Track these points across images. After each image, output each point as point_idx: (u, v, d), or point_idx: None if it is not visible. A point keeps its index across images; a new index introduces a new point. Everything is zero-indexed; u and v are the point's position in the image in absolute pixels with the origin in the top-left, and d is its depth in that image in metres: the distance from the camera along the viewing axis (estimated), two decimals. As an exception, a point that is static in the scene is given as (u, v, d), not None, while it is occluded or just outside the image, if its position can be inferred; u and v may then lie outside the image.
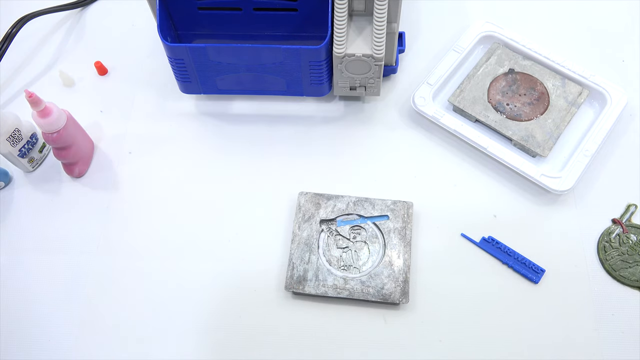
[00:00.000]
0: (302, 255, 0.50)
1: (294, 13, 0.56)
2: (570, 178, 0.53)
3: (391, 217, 0.52)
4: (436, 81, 0.59)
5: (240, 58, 0.52)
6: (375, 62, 0.51)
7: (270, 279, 0.51)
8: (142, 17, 0.67)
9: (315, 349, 0.48)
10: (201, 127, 0.60)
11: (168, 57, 0.53)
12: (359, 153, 0.58)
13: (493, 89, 0.58)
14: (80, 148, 0.56)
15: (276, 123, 0.60)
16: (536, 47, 0.60)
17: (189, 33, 0.59)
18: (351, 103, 0.61)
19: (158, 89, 0.62)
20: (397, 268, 0.49)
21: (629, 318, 0.49)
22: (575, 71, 0.59)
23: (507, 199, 0.54)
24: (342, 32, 0.50)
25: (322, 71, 0.53)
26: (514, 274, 0.51)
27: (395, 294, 0.48)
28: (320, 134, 0.59)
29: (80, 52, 0.66)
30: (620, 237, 0.52)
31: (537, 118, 0.56)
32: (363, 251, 0.51)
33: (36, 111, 0.50)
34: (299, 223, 0.52)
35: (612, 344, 0.47)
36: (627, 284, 0.50)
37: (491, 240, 0.52)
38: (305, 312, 0.50)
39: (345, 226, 0.52)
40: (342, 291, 0.49)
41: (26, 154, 0.55)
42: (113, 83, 0.63)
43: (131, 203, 0.56)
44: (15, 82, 0.64)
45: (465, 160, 0.57)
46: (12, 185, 0.57)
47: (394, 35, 0.54)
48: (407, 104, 0.60)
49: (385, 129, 0.59)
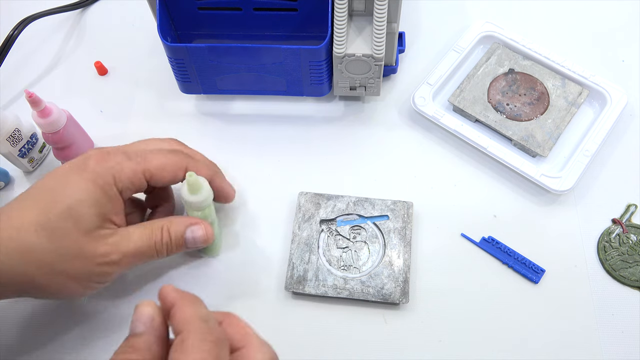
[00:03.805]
0: (302, 255, 0.50)
1: (294, 13, 0.56)
2: (570, 178, 0.53)
3: (391, 217, 0.52)
4: (436, 81, 0.59)
5: (240, 58, 0.52)
6: (375, 62, 0.51)
7: (270, 279, 0.51)
8: (142, 17, 0.67)
9: (315, 349, 0.48)
10: (201, 127, 0.60)
11: (168, 57, 0.53)
12: (359, 153, 0.58)
13: (493, 89, 0.58)
14: (80, 148, 0.56)
15: (276, 123, 0.60)
16: (536, 47, 0.60)
17: (189, 33, 0.59)
18: (351, 103, 0.61)
19: (158, 89, 0.62)
20: (397, 268, 0.49)
21: (629, 318, 0.49)
22: (575, 71, 0.59)
23: (507, 199, 0.55)
24: (342, 32, 0.50)
25: (322, 71, 0.53)
26: (514, 274, 0.51)
27: (395, 294, 0.48)
28: (320, 134, 0.59)
29: (81, 52, 0.66)
30: (620, 237, 0.52)
31: (537, 118, 0.57)
32: (363, 251, 0.51)
33: (36, 111, 0.50)
34: (299, 223, 0.52)
35: (612, 344, 0.47)
36: (627, 284, 0.50)
37: (491, 240, 0.52)
38: (305, 312, 0.50)
39: (345, 226, 0.52)
40: (342, 291, 0.49)
41: (26, 154, 0.55)
42: (113, 83, 0.63)
43: (131, 203, 0.56)
44: (16, 82, 0.64)
45: (465, 160, 0.57)
46: (12, 185, 0.57)
47: (394, 35, 0.55)
48: (407, 104, 0.60)
49: (385, 129, 0.59)
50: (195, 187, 0.43)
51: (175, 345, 0.32)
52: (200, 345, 0.31)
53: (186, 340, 0.31)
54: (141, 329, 0.33)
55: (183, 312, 0.33)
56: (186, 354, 0.31)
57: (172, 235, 0.44)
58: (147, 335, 0.33)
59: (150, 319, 0.33)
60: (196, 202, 0.44)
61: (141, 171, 0.43)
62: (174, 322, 0.33)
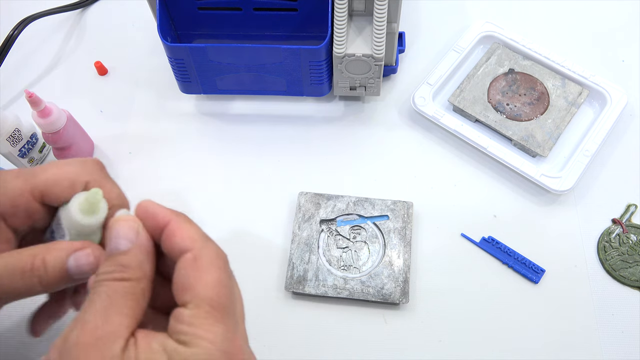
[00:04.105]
0: (302, 255, 0.50)
1: (294, 13, 0.56)
2: (570, 178, 0.53)
3: (391, 217, 0.52)
4: (436, 81, 0.59)
5: (240, 58, 0.52)
6: (375, 62, 0.51)
7: (270, 279, 0.51)
8: (142, 17, 0.67)
9: (315, 349, 0.48)
10: (201, 127, 0.60)
11: (168, 57, 0.53)
12: (359, 153, 0.58)
13: (493, 89, 0.58)
14: (80, 148, 0.56)
15: (276, 123, 0.60)
16: (536, 47, 0.60)
17: (189, 33, 0.59)
18: (351, 103, 0.61)
19: (158, 89, 0.62)
20: (397, 268, 0.49)
21: (629, 318, 0.49)
22: (575, 71, 0.59)
23: (507, 199, 0.54)
24: (342, 32, 0.50)
25: (322, 71, 0.53)
26: (514, 274, 0.51)
27: (395, 294, 0.48)
28: (320, 134, 0.59)
29: (81, 52, 0.66)
30: (620, 237, 0.52)
31: (537, 118, 0.57)
32: (363, 251, 0.51)
33: (36, 111, 0.50)
34: (299, 223, 0.52)
35: (612, 344, 0.47)
36: (627, 284, 0.50)
37: (491, 240, 0.52)
38: (305, 312, 0.50)
39: (345, 226, 0.52)
40: (342, 291, 0.49)
41: (26, 154, 0.55)
42: (113, 83, 0.63)
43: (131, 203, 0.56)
44: (16, 82, 0.64)
45: (465, 160, 0.57)
46: (12, 185, 0.57)
47: (394, 35, 0.55)
48: (407, 104, 0.60)
49: (385, 129, 0.59)
50: (94, 207, 0.33)
51: (184, 262, 0.30)
52: (216, 262, 0.31)
53: (200, 258, 0.30)
54: (127, 246, 0.30)
55: (186, 229, 0.31)
56: (205, 271, 0.30)
57: (48, 264, 0.33)
58: (135, 251, 0.30)
59: (135, 234, 0.31)
60: (90, 225, 0.33)
61: (28, 190, 0.34)
62: (177, 240, 0.31)
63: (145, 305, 0.30)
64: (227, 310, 0.30)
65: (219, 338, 0.29)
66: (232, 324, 0.30)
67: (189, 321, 0.29)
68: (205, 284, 0.29)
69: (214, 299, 0.29)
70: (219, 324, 0.29)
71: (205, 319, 0.29)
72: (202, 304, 0.29)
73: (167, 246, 0.31)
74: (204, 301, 0.29)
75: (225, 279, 0.31)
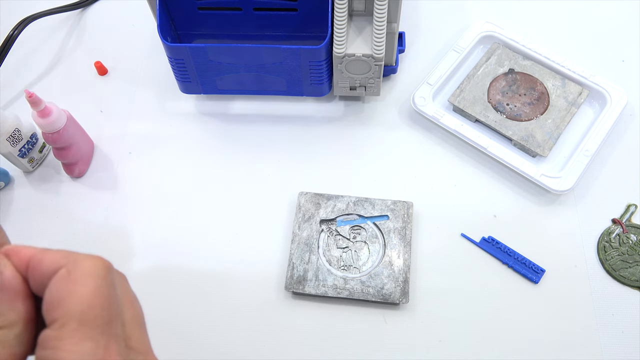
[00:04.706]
0: (302, 255, 0.50)
1: (294, 13, 0.56)
2: (570, 178, 0.53)
3: (391, 217, 0.52)
4: (436, 81, 0.59)
5: (240, 58, 0.52)
6: (375, 62, 0.51)
7: (270, 279, 0.51)
8: (142, 17, 0.67)
9: (315, 349, 0.48)
10: (201, 127, 0.60)
11: (168, 57, 0.53)
12: (359, 153, 0.58)
13: (493, 89, 0.58)
14: (80, 148, 0.56)
15: (276, 123, 0.60)
16: (536, 47, 0.60)
17: (189, 33, 0.59)
18: (351, 103, 0.61)
19: (158, 89, 0.62)
20: (397, 268, 0.49)
21: (629, 318, 0.49)
22: (575, 71, 0.59)
23: (507, 199, 0.54)
24: (342, 32, 0.50)
25: (322, 71, 0.53)
26: (514, 274, 0.51)
27: (395, 294, 0.48)
28: (320, 134, 0.59)
29: (81, 52, 0.66)
30: (620, 237, 0.52)
31: (537, 118, 0.56)
32: (363, 251, 0.51)
33: (36, 111, 0.50)
34: (299, 223, 0.52)
35: (612, 344, 0.47)
36: (627, 284, 0.50)
37: (491, 240, 0.52)
38: (305, 312, 0.50)
39: (345, 226, 0.52)
40: (342, 291, 0.49)
41: (26, 154, 0.55)
42: (113, 83, 0.63)
43: (131, 203, 0.56)
44: (16, 82, 0.64)
45: (465, 160, 0.57)
46: (12, 185, 0.57)
47: (394, 35, 0.55)
48: (407, 104, 0.60)
49: (385, 129, 0.59)
50: None
51: (57, 278, 0.26)
52: (93, 271, 0.26)
53: (74, 270, 0.26)
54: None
55: (54, 252, 0.27)
56: (79, 283, 0.26)
57: None
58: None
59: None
60: None
61: None
62: (46, 263, 0.27)
63: (25, 353, 0.27)
64: (101, 323, 0.26)
65: (85, 357, 0.25)
66: (104, 338, 0.26)
67: (53, 345, 0.25)
68: (79, 297, 0.26)
69: (86, 311, 0.26)
70: (86, 341, 0.26)
71: (70, 337, 0.25)
72: (69, 322, 0.26)
73: (36, 277, 0.27)
74: (72, 318, 0.26)
75: (103, 288, 0.27)
